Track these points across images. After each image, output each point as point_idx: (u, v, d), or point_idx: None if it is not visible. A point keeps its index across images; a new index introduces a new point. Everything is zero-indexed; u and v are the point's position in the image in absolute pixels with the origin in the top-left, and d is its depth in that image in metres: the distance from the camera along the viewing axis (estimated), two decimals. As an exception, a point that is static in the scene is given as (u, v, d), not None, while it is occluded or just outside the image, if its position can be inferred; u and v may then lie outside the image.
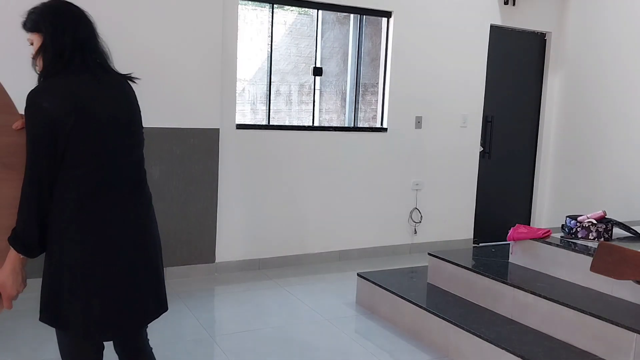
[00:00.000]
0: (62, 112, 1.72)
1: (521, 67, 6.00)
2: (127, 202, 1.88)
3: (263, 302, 4.09)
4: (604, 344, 2.87)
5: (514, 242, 3.79)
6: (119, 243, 1.86)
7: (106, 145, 1.81)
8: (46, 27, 1.78)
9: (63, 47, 1.77)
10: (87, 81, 1.80)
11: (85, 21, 1.84)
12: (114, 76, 1.90)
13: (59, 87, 1.76)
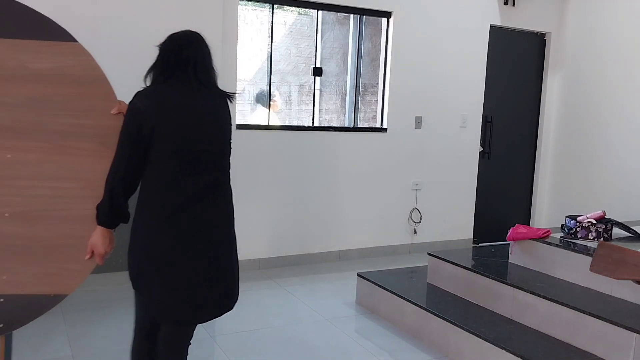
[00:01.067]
0: (148, 111, 2.05)
1: (521, 67, 6.01)
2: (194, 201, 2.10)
3: (263, 302, 4.09)
4: (604, 344, 2.88)
5: (514, 242, 3.80)
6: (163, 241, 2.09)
7: (182, 147, 2.07)
8: (161, 48, 2.19)
9: (167, 64, 2.14)
10: (179, 91, 2.12)
11: (192, 46, 2.18)
12: (209, 91, 2.19)
13: (154, 92, 2.12)
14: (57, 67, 2.21)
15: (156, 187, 2.09)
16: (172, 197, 2.07)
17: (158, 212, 2.08)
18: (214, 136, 2.18)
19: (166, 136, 2.06)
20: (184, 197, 2.08)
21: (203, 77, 2.17)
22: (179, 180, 2.07)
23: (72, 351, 3.18)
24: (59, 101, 2.19)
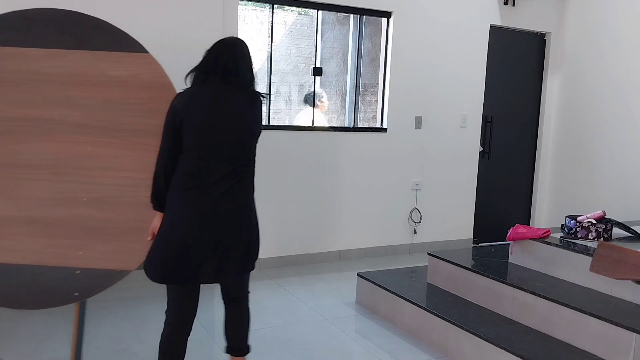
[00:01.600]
0: (180, 107, 2.34)
1: (521, 67, 6.01)
2: (208, 186, 2.36)
3: (263, 302, 4.09)
4: (604, 344, 2.88)
5: (514, 242, 3.80)
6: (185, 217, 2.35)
7: (203, 139, 2.34)
8: (205, 53, 2.47)
9: (205, 67, 2.43)
10: (210, 91, 2.39)
11: (227, 52, 2.44)
12: (238, 91, 2.43)
13: (190, 92, 2.40)
14: (131, 74, 2.61)
15: (180, 173, 2.37)
16: (191, 181, 2.35)
17: (177, 192, 2.36)
18: (235, 132, 2.40)
19: (191, 129, 2.34)
20: (201, 182, 2.35)
21: (233, 79, 2.41)
22: (200, 167, 2.35)
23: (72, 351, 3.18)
24: (132, 104, 2.60)
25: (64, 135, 2.57)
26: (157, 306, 3.90)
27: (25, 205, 2.55)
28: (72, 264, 2.54)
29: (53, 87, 2.60)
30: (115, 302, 3.91)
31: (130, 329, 3.53)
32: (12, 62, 2.61)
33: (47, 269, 2.53)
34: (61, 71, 2.62)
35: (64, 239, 2.55)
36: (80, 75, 2.61)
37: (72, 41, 2.62)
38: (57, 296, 2.53)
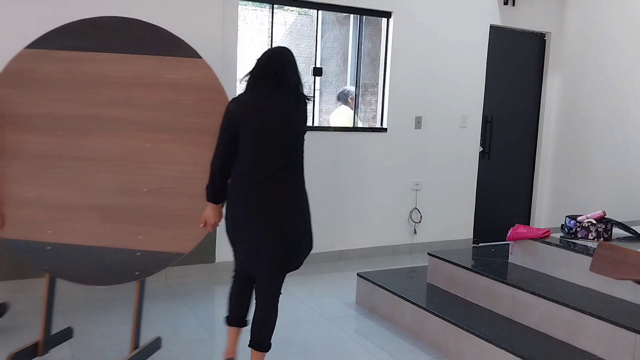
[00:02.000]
0: (236, 112, 2.63)
1: (521, 67, 6.01)
2: (260, 183, 2.61)
3: None
4: (604, 344, 2.88)
5: (514, 242, 3.80)
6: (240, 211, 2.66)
7: (257, 140, 2.61)
8: (255, 62, 2.71)
9: (256, 74, 2.68)
10: (261, 96, 2.65)
11: (275, 60, 2.69)
12: (285, 95, 2.66)
13: (243, 98, 2.69)
14: (186, 77, 2.86)
15: (237, 171, 2.65)
16: (247, 178, 2.63)
17: (235, 188, 2.67)
18: (283, 133, 2.65)
19: (246, 132, 2.61)
20: (254, 179, 2.62)
21: (281, 84, 2.65)
22: (253, 166, 2.62)
23: (72, 351, 3.18)
24: (187, 104, 2.85)
25: (126, 132, 2.84)
26: (157, 306, 3.90)
27: (93, 194, 2.86)
28: (134, 247, 2.84)
29: (117, 89, 2.87)
30: (115, 302, 3.91)
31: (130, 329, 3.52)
32: (81, 66, 2.89)
33: (112, 250, 2.84)
34: (124, 74, 2.88)
35: (126, 225, 2.85)
36: (141, 77, 2.87)
37: (133, 46, 2.89)
38: (120, 274, 2.85)
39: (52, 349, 3.09)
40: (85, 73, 2.89)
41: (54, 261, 2.85)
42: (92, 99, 2.88)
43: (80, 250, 2.84)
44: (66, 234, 2.85)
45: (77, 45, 2.90)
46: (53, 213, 2.86)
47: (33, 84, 2.90)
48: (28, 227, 2.87)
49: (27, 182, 2.88)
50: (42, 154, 2.88)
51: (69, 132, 2.88)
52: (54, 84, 2.89)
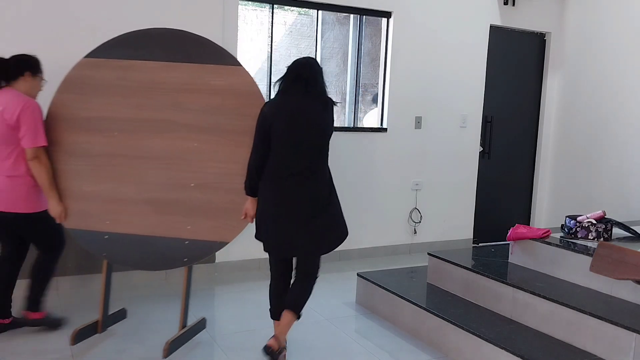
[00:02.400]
0: (269, 115, 2.92)
1: (521, 67, 6.01)
2: (290, 177, 2.92)
3: (263, 302, 4.08)
4: (604, 344, 2.88)
5: (514, 242, 3.80)
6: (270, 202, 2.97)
7: (286, 140, 2.90)
8: (287, 69, 3.02)
9: (288, 80, 2.98)
10: (292, 100, 2.95)
11: (306, 67, 2.99)
12: (314, 99, 2.96)
13: (276, 101, 2.98)
14: (228, 84, 3.15)
15: (269, 166, 2.94)
16: (277, 173, 2.93)
17: (266, 182, 2.95)
18: (310, 133, 2.93)
19: (278, 132, 2.90)
20: (284, 173, 2.92)
21: (311, 89, 2.95)
22: (283, 162, 2.92)
23: (72, 351, 3.18)
24: (229, 108, 3.15)
25: (175, 134, 3.14)
26: (157, 306, 3.90)
27: (146, 189, 3.18)
28: (183, 236, 3.17)
29: (166, 94, 3.18)
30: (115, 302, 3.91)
31: (131, 329, 3.52)
32: (133, 73, 3.20)
33: (163, 239, 3.17)
34: (172, 80, 3.18)
35: (176, 216, 3.18)
36: (188, 84, 3.16)
37: (180, 56, 3.18)
38: (170, 261, 3.20)
39: (109, 327, 3.48)
40: (137, 80, 3.20)
41: (111, 249, 3.21)
42: (144, 104, 3.19)
43: (135, 239, 3.19)
44: (122, 224, 3.20)
45: (130, 54, 3.21)
46: (110, 206, 3.21)
47: (91, 90, 3.22)
48: (88, 218, 3.22)
49: (86, 178, 3.22)
50: (100, 153, 3.21)
51: (124, 134, 3.20)
52: (110, 90, 3.21)
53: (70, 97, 3.24)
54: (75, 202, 3.24)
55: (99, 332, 3.39)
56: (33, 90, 3.26)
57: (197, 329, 3.48)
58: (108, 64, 3.22)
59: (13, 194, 3.14)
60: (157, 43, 3.22)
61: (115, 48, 3.23)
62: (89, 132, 3.22)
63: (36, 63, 3.28)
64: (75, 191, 3.23)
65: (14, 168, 3.14)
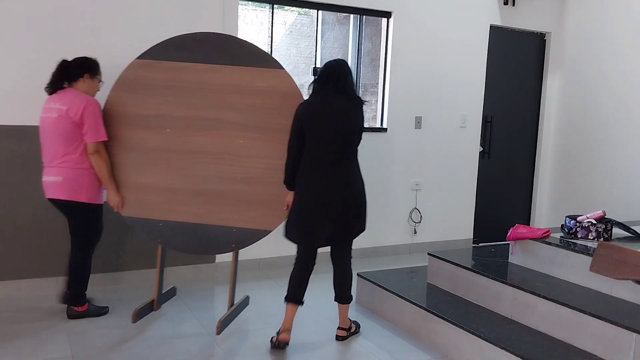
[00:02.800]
0: (302, 113, 3.21)
1: (521, 67, 6.01)
2: (324, 171, 3.20)
3: (263, 302, 4.09)
4: (604, 344, 2.88)
5: (514, 242, 3.80)
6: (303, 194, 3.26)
7: (317, 135, 3.18)
8: (319, 71, 3.32)
9: (320, 81, 3.26)
10: (323, 99, 3.23)
11: (336, 69, 3.26)
12: (343, 98, 3.23)
13: (309, 101, 3.27)
14: (271, 85, 3.41)
15: (304, 161, 3.22)
16: (310, 167, 3.21)
17: (300, 175, 3.24)
18: (339, 130, 3.19)
19: (309, 129, 3.18)
20: (316, 168, 3.20)
21: (340, 88, 3.22)
22: (316, 156, 3.20)
23: (72, 351, 3.18)
24: (271, 108, 3.41)
25: (223, 131, 3.38)
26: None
27: (197, 182, 3.46)
28: (231, 224, 3.47)
29: (214, 94, 3.43)
30: (115, 302, 3.91)
31: (131, 329, 3.52)
32: (183, 74, 3.45)
33: (213, 227, 3.48)
34: (220, 82, 3.43)
35: (224, 206, 3.46)
36: (234, 85, 3.42)
37: (227, 58, 3.43)
38: (219, 246, 3.54)
39: (162, 304, 3.87)
40: (187, 80, 3.45)
41: (165, 235, 3.52)
42: (194, 103, 3.44)
43: (187, 227, 3.48)
44: (175, 213, 3.49)
45: (179, 56, 3.45)
46: (164, 196, 3.49)
47: (143, 89, 3.47)
48: (144, 207, 3.51)
49: (142, 170, 3.50)
50: (154, 148, 3.48)
51: (175, 130, 3.47)
52: (161, 90, 3.47)
53: (124, 96, 3.49)
54: (132, 193, 3.52)
55: (154, 309, 3.75)
56: (91, 90, 3.51)
57: (243, 306, 3.86)
58: (158, 66, 3.46)
59: (76, 184, 3.42)
60: (204, 46, 3.45)
61: (165, 51, 3.47)
62: (143, 129, 3.48)
63: (95, 65, 3.54)
64: (132, 183, 3.52)
65: (78, 161, 3.41)
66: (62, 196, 3.43)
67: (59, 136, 3.40)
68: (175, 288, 4.11)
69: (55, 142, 3.42)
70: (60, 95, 3.44)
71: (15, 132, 3.88)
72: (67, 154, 3.41)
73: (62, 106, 3.38)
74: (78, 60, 3.50)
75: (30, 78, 3.87)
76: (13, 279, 3.97)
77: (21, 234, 3.96)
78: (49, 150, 3.46)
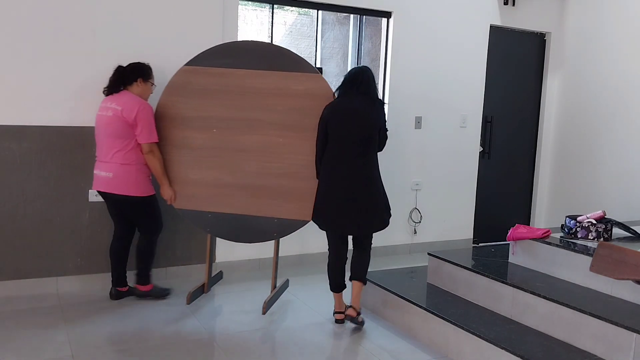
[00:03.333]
0: (328, 114, 3.52)
1: (521, 67, 6.01)
2: (345, 164, 3.49)
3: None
4: (604, 344, 2.88)
5: (514, 242, 3.80)
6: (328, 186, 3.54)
7: (339, 134, 3.49)
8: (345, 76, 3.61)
9: (345, 85, 3.55)
10: (347, 101, 3.53)
11: (360, 74, 3.57)
12: (366, 99, 3.52)
13: (334, 103, 3.57)
14: (307, 88, 3.70)
15: (328, 156, 3.52)
16: (334, 161, 3.50)
17: (326, 169, 3.53)
18: (361, 128, 3.48)
19: (334, 128, 3.49)
20: (340, 162, 3.49)
21: (363, 91, 3.52)
22: (340, 150, 3.49)
23: (72, 351, 3.18)
24: (307, 109, 3.68)
25: (265, 131, 3.66)
26: (157, 306, 3.90)
27: (242, 177, 3.78)
28: (272, 215, 3.79)
29: (256, 97, 3.75)
30: (115, 302, 3.91)
31: (130, 329, 3.53)
32: (227, 79, 3.77)
33: (256, 218, 3.80)
34: (261, 86, 3.74)
35: (266, 199, 3.78)
36: (274, 89, 3.72)
37: (266, 64, 3.73)
38: (262, 235, 3.85)
39: (212, 287, 4.27)
40: (231, 85, 3.77)
41: (213, 225, 3.88)
42: (238, 105, 3.77)
43: (233, 217, 3.83)
44: (222, 205, 3.82)
45: (224, 63, 3.77)
46: (212, 190, 3.83)
47: (191, 93, 3.80)
48: (194, 200, 3.85)
49: (192, 167, 3.84)
50: (202, 146, 3.82)
51: (222, 130, 3.80)
52: (207, 93, 3.79)
53: (174, 99, 3.83)
54: (183, 187, 3.87)
55: (205, 292, 4.15)
56: (144, 93, 3.80)
57: (284, 288, 4.27)
58: (205, 71, 3.79)
59: (125, 180, 3.68)
60: (245, 54, 3.76)
61: (211, 58, 3.80)
62: (192, 129, 3.82)
63: (147, 70, 3.82)
64: (183, 178, 3.87)
65: (126, 157, 3.68)
66: (113, 190, 3.72)
67: (111, 133, 3.68)
68: (222, 272, 4.51)
69: (108, 139, 3.70)
70: (116, 96, 3.73)
71: (15, 132, 3.88)
72: (118, 150, 3.68)
73: (117, 106, 3.67)
74: (132, 65, 3.79)
75: (30, 78, 3.88)
76: (13, 279, 3.97)
77: (21, 234, 3.96)
78: (102, 146, 3.76)
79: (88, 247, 4.14)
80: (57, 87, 3.95)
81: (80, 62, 3.99)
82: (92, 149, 4.07)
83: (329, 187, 3.52)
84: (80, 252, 4.12)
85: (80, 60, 3.99)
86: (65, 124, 4.00)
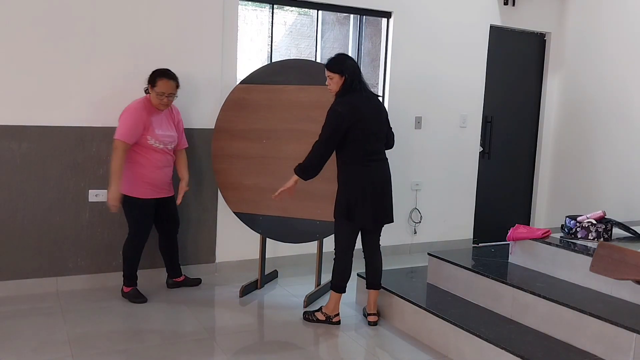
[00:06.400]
0: (348, 114, 3.44)
1: (521, 67, 6.01)
2: (375, 162, 3.56)
3: (263, 302, 4.09)
4: (604, 344, 2.88)
5: (514, 242, 3.80)
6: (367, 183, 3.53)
7: (364, 133, 3.49)
8: (348, 70, 3.50)
9: (352, 80, 3.49)
10: (360, 98, 3.51)
11: (357, 65, 3.57)
12: (371, 94, 3.60)
13: (348, 101, 3.49)
14: (318, 100, 3.90)
15: (354, 155, 3.52)
16: (361, 159, 3.52)
17: (355, 167, 3.53)
18: (379, 124, 3.59)
19: (356, 126, 3.45)
20: (366, 159, 3.52)
21: (366, 87, 3.58)
22: (365, 147, 3.51)
23: (72, 351, 3.18)
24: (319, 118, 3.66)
25: (307, 140, 3.66)
26: (157, 306, 3.90)
27: (285, 182, 3.71)
28: (315, 217, 4.02)
29: (300, 110, 4.04)
30: (115, 302, 3.91)
31: (130, 329, 3.53)
32: (276, 95, 4.11)
33: (301, 220, 4.06)
34: (304, 99, 4.03)
35: (310, 202, 4.00)
36: (315, 101, 3.95)
37: (309, 80, 4.01)
38: (307, 236, 4.11)
39: (265, 284, 4.41)
40: (279, 99, 4.09)
41: (264, 227, 4.18)
42: (285, 118, 4.08)
43: (281, 220, 4.11)
44: (272, 209, 4.08)
45: (273, 80, 4.11)
46: (263, 195, 4.03)
47: (245, 108, 4.15)
48: (247, 204, 4.17)
49: (246, 174, 4.16)
50: (254, 155, 4.14)
51: (270, 141, 4.11)
52: (259, 108, 4.13)
53: (230, 114, 4.17)
54: (238, 192, 4.18)
55: (258, 288, 4.35)
56: (154, 100, 3.84)
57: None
58: (257, 89, 4.14)
59: (124, 178, 3.79)
60: (292, 71, 4.10)
61: (262, 76, 4.15)
62: (245, 140, 4.15)
63: (152, 76, 3.84)
64: (237, 184, 4.17)
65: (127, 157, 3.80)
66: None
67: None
68: (277, 271, 4.66)
69: None
70: None
71: (15, 132, 3.88)
72: None
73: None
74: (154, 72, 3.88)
75: (30, 78, 3.88)
76: (13, 279, 3.97)
77: (21, 234, 3.96)
78: None
79: (88, 247, 4.14)
80: (57, 87, 3.95)
81: (80, 62, 3.99)
82: (92, 149, 4.07)
83: (363, 187, 3.50)
84: (80, 252, 4.12)
85: (80, 61, 3.99)
86: (65, 124, 4.00)
